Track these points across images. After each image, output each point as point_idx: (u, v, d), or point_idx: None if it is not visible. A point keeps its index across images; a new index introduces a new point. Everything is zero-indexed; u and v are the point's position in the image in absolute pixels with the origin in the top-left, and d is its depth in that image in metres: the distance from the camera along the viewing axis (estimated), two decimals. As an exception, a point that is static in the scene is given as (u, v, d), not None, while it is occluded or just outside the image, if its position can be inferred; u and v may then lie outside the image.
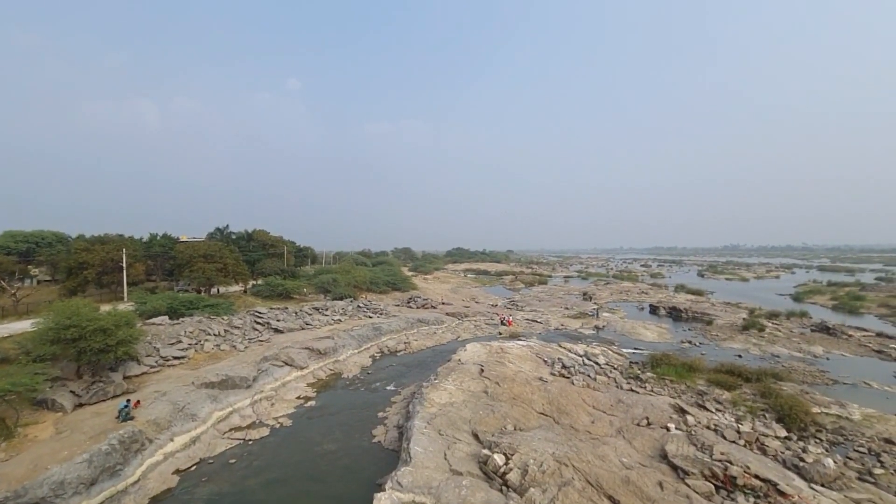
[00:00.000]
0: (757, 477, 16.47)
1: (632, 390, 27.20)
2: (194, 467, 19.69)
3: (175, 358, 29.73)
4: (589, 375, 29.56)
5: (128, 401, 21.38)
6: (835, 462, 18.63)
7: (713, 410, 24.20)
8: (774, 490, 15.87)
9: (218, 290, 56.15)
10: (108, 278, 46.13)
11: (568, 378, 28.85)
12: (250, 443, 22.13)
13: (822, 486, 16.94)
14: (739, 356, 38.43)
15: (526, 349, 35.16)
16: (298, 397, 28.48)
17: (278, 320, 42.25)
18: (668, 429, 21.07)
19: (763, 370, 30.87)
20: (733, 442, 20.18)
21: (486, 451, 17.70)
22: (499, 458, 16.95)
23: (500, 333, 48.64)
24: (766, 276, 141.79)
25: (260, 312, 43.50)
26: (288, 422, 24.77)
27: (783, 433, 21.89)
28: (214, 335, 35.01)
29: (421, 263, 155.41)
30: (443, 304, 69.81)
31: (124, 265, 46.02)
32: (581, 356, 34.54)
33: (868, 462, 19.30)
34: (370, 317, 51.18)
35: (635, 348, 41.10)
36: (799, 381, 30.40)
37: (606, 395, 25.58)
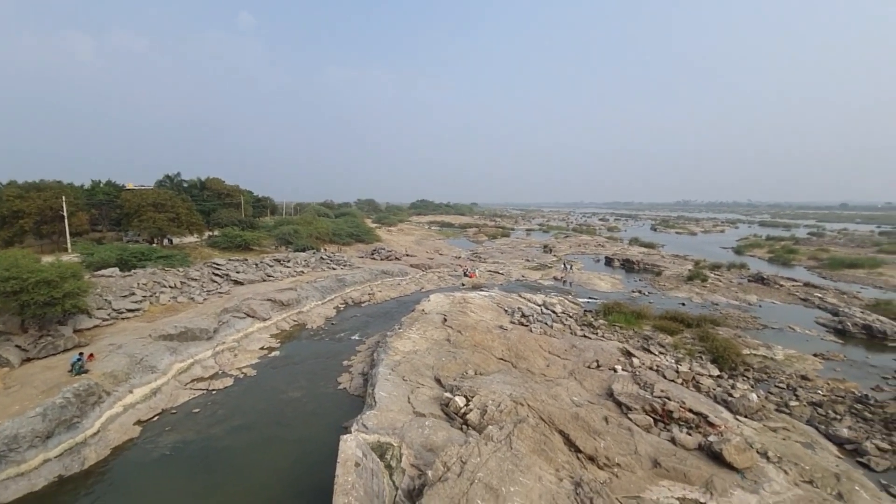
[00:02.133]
0: (690, 410, 18.35)
1: (585, 336, 28.96)
2: (157, 418, 19.72)
3: (129, 311, 28.76)
4: (546, 323, 31.10)
5: (80, 354, 20.72)
6: (758, 396, 20.96)
7: (656, 353, 26.31)
8: (705, 422, 17.79)
9: (170, 240, 53.82)
10: (47, 228, 43.12)
11: (527, 326, 30.26)
12: (213, 392, 22.25)
13: (746, 417, 19.13)
14: (683, 304, 41.35)
15: (487, 299, 36.31)
16: (262, 348, 28.54)
17: (238, 272, 41.29)
18: (615, 370, 22.83)
19: (703, 317, 33.67)
20: (672, 381, 22.18)
21: (447, 395, 18.65)
22: (460, 401, 17.93)
23: (463, 284, 49.77)
24: (713, 230, 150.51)
25: (218, 264, 42.27)
26: (252, 372, 24.94)
27: (716, 372, 24.25)
28: (170, 287, 33.92)
29: (385, 215, 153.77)
30: (407, 255, 70.12)
31: (65, 214, 42.96)
32: (539, 306, 36.10)
33: (786, 396, 21.84)
34: (333, 268, 50.87)
35: (590, 298, 43.32)
36: (733, 327, 33.32)
37: (561, 341, 27.15)
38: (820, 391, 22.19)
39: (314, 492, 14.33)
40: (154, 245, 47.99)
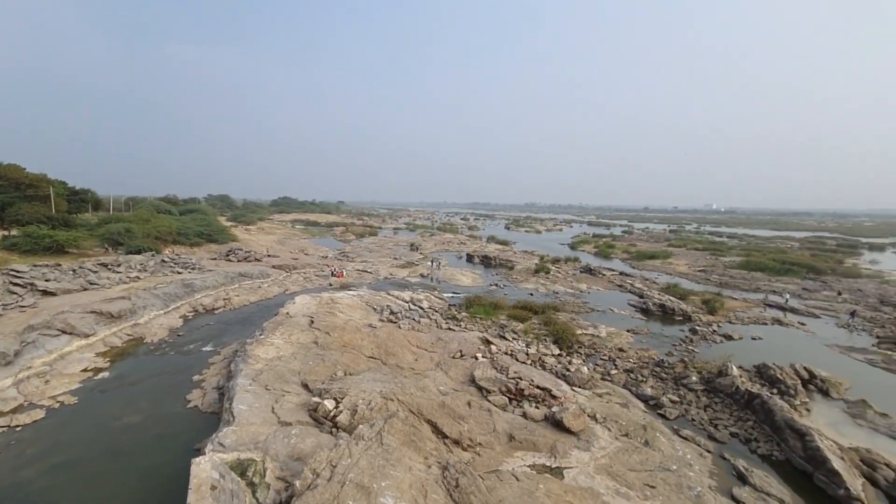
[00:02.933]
0: (538, 387, 21.04)
1: (450, 329, 30.91)
2: (-70, 471, 15.39)
3: None
4: (414, 319, 32.31)
5: None
6: (588, 369, 25.04)
7: (510, 339, 29.45)
8: (549, 395, 20.60)
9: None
10: None
11: (395, 323, 31.05)
12: (18, 429, 18.12)
13: (580, 387, 22.70)
14: (531, 294, 46.68)
15: (356, 298, 36.15)
16: (85, 370, 24.03)
17: (48, 280, 33.79)
18: (476, 358, 24.94)
19: (547, 304, 38.80)
20: (523, 362, 25.13)
21: (315, 399, 18.24)
22: (329, 404, 17.73)
23: (331, 285, 48.53)
24: (554, 229, 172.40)
25: (18, 271, 33.96)
26: (72, 399, 20.88)
27: (557, 351, 28.19)
28: (-59, 304, 26.34)
29: (242, 213, 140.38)
30: (268, 256, 65.45)
31: None
32: (407, 302, 37.26)
33: (608, 366, 26.41)
34: (179, 272, 44.92)
35: (454, 292, 46.06)
36: (570, 311, 38.92)
37: (428, 335, 28.57)
38: (631, 360, 27.40)
39: (164, 523, 12.90)
40: None
